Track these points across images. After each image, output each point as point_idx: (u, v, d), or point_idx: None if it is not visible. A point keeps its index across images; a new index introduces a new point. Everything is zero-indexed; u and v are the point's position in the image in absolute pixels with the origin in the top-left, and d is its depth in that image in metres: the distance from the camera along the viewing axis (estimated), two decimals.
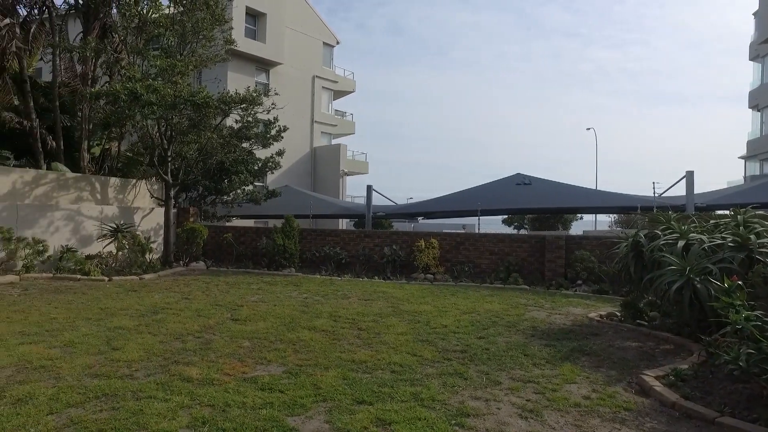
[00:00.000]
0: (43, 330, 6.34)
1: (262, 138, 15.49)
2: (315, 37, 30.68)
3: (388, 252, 12.88)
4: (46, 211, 12.27)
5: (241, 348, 5.83)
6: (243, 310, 7.87)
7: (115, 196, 14.50)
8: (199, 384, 4.63)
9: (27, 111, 13.75)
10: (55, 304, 7.99)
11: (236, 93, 13.79)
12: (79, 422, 3.77)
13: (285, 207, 16.84)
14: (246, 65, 25.72)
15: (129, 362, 5.17)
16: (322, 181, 29.34)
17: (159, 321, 7.00)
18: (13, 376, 4.69)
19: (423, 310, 8.37)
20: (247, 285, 10.57)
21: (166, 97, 11.93)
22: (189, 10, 13.92)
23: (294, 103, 25.81)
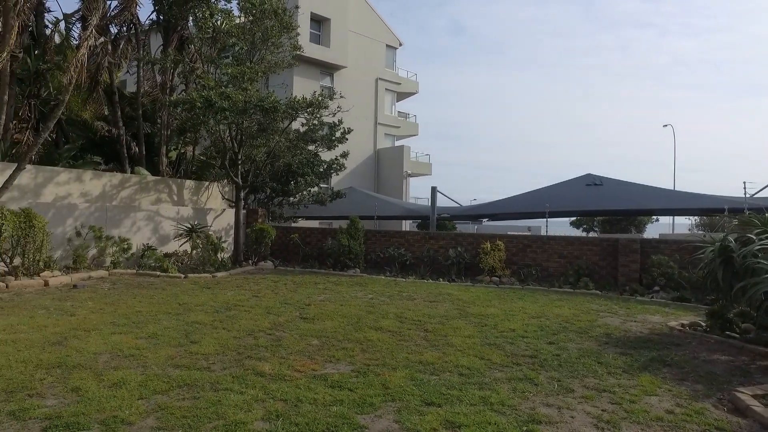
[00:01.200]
0: (131, 321, 6.80)
1: (327, 140, 15.83)
2: (378, 39, 30.97)
3: (453, 254, 12.77)
4: (129, 212, 13.16)
5: (310, 346, 5.97)
6: (311, 309, 8.07)
7: (190, 198, 15.32)
8: (272, 379, 4.79)
9: (115, 120, 14.83)
10: (139, 298, 8.54)
11: (303, 98, 14.19)
12: (165, 408, 4.00)
13: (349, 208, 17.10)
14: (311, 69, 26.37)
15: (206, 355, 5.43)
16: (386, 182, 29.55)
17: (232, 317, 7.31)
18: (108, 362, 5.07)
19: (490, 313, 8.22)
20: (314, 284, 10.83)
21: (237, 103, 12.47)
22: (259, 19, 14.48)
23: (357, 106, 26.18)
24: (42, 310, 7.37)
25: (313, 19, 26.82)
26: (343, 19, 28.06)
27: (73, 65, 10.49)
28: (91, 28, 10.86)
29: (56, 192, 12.26)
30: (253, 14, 14.44)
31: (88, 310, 7.46)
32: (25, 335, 5.92)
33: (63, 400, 4.10)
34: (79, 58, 10.52)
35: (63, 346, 5.54)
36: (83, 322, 6.69)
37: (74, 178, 12.71)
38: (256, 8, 14.24)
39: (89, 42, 10.77)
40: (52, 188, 12.22)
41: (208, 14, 14.10)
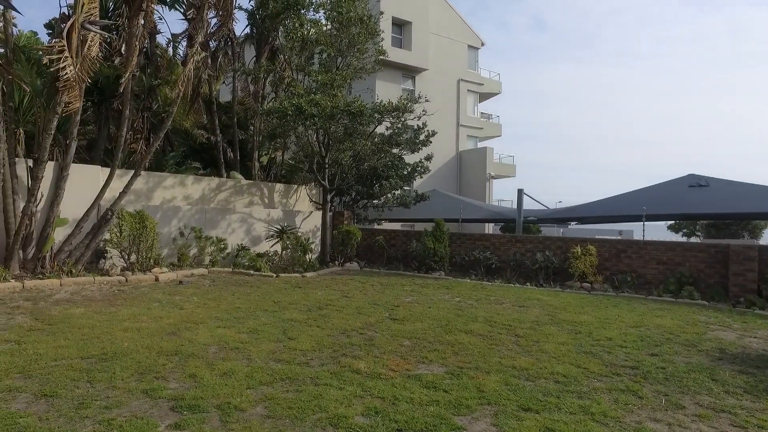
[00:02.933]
0: (232, 317, 7.27)
1: (411, 143, 15.96)
2: (459, 40, 30.72)
3: (541, 258, 12.38)
4: (225, 214, 14.05)
5: (402, 346, 6.06)
6: (400, 311, 8.18)
7: (280, 201, 16.07)
8: (368, 377, 4.92)
9: (213, 128, 15.92)
10: (238, 295, 9.10)
11: (389, 101, 14.43)
12: (271, 399, 4.25)
13: (432, 211, 17.10)
14: (392, 73, 26.68)
15: (304, 351, 5.68)
16: (468, 184, 29.22)
17: (324, 316, 7.58)
18: (216, 353, 5.46)
19: (583, 320, 7.88)
20: (401, 286, 10.96)
21: (325, 109, 12.92)
22: (345, 27, 14.94)
23: (439, 108, 26.13)
24: (156, 302, 8.08)
25: (394, 23, 27.15)
26: (423, 21, 28.15)
27: (180, 80, 11.42)
28: (196, 46, 11.77)
29: (163, 195, 13.37)
30: (339, 22, 14.93)
31: (194, 304, 8.07)
32: (146, 324, 6.53)
33: (183, 384, 4.48)
34: (186, 73, 11.44)
35: (177, 336, 6.05)
36: (191, 315, 7.24)
37: (178, 183, 13.79)
38: (343, 16, 14.71)
39: (195, 58, 11.65)
40: (160, 192, 13.34)
41: (298, 24, 14.76)
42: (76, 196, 10.65)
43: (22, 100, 10.54)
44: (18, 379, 4.48)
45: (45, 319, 6.65)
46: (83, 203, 10.74)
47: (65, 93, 9.23)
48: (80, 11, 9.29)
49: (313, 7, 15.46)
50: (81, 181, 10.94)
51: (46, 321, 6.57)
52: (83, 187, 10.93)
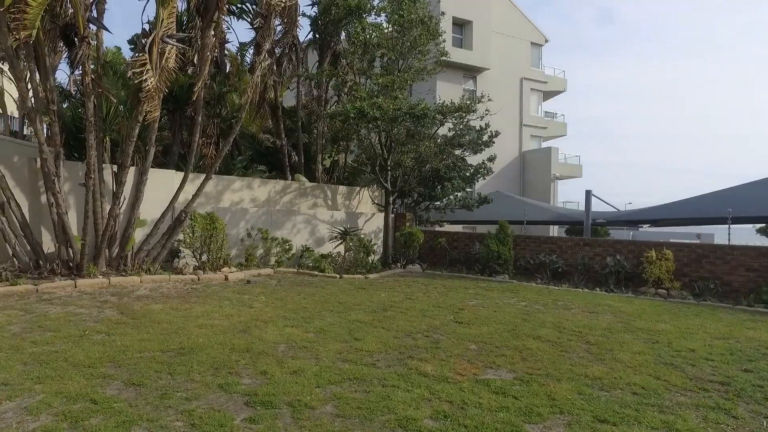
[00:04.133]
0: (299, 316, 7.44)
1: (473, 144, 15.74)
2: (522, 38, 29.99)
3: (611, 262, 11.81)
4: (290, 216, 14.43)
5: (468, 350, 5.96)
6: (464, 314, 8.06)
7: (342, 202, 16.32)
8: (435, 380, 4.87)
9: (278, 132, 16.42)
10: (303, 296, 9.31)
11: (451, 102, 14.31)
12: (340, 398, 4.30)
13: (495, 213, 16.78)
14: (453, 74, 26.43)
15: (370, 352, 5.72)
16: (532, 186, 28.46)
17: (389, 318, 7.60)
18: (285, 351, 5.61)
19: (661, 329, 7.43)
20: (464, 289, 10.81)
21: (387, 111, 12.99)
22: (406, 29, 14.96)
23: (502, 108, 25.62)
24: (226, 301, 8.41)
25: (454, 23, 26.92)
26: (485, 20, 27.72)
27: (249, 86, 11.87)
28: (263, 53, 12.18)
29: (231, 198, 13.93)
30: (400, 24, 14.98)
31: (262, 303, 8.33)
32: (218, 322, 6.81)
33: (255, 380, 4.63)
34: (254, 79, 11.87)
35: (248, 334, 6.26)
36: (260, 314, 7.48)
37: (245, 186, 14.32)
38: (404, 18, 14.75)
39: (262, 65, 12.07)
40: (229, 195, 13.90)
41: (360, 29, 14.94)
42: (153, 199, 11.30)
43: (109, 111, 11.33)
44: (110, 368, 4.80)
45: (129, 314, 7.09)
46: (159, 205, 11.38)
47: (146, 103, 9.83)
48: (160, 26, 9.87)
49: (375, 11, 15.62)
50: (157, 184, 11.60)
51: (130, 315, 7.00)
52: (159, 190, 11.58)
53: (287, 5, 13.34)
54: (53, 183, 9.62)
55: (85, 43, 9.32)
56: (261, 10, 12.81)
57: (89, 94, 9.76)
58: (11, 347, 5.34)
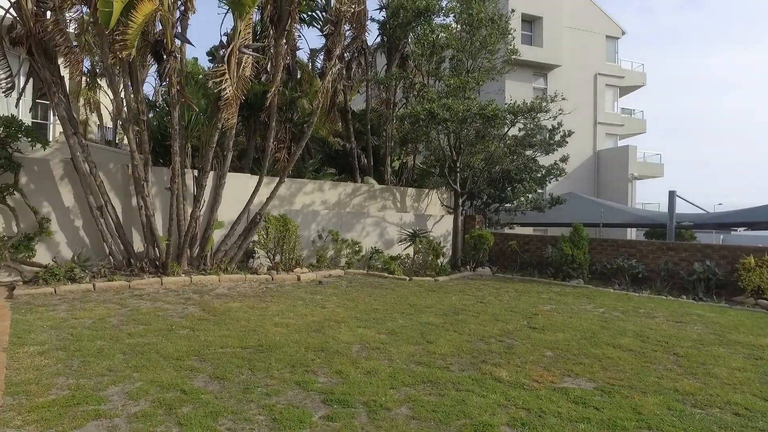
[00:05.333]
0: (370, 317, 7.51)
1: (545, 145, 15.25)
2: (596, 31, 28.62)
3: (700, 268, 10.99)
4: (360, 218, 14.63)
5: (544, 357, 5.77)
6: (538, 319, 7.81)
7: (411, 205, 16.34)
8: (510, 386, 4.75)
9: (348, 135, 16.72)
10: (374, 297, 9.39)
11: (523, 102, 13.96)
12: (415, 400, 4.29)
13: (568, 215, 16.14)
14: (523, 72, 25.71)
15: (443, 356, 5.67)
16: (607, 186, 27.10)
17: (461, 321, 7.51)
18: (359, 352, 5.68)
19: (764, 344, 6.81)
20: (537, 293, 10.48)
21: (458, 112, 12.86)
22: (475, 29, 14.76)
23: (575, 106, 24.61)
24: (300, 301, 8.66)
25: (524, 20, 26.19)
26: (556, 15, 26.76)
27: (320, 91, 12.18)
28: (334, 59, 12.47)
29: (303, 200, 14.33)
30: (469, 24, 14.80)
31: (335, 304, 8.49)
32: (293, 321, 7.03)
33: (331, 379, 4.72)
34: (325, 85, 12.17)
35: (322, 333, 6.41)
36: (333, 314, 7.64)
37: (316, 188, 14.69)
38: (473, 18, 14.56)
39: (332, 70, 12.36)
40: (300, 197, 14.32)
41: (429, 31, 14.92)
42: (229, 202, 11.85)
43: (190, 119, 12.04)
44: (195, 361, 5.08)
45: (210, 311, 7.47)
46: (236, 208, 11.93)
47: (225, 110, 10.34)
48: (237, 38, 10.36)
49: (443, 11, 15.54)
50: (234, 187, 12.15)
51: (211, 312, 7.38)
52: (235, 194, 12.13)
53: (356, 11, 13.60)
54: (143, 187, 10.34)
55: (172, 57, 9.96)
56: (331, 17, 13.14)
57: (174, 104, 10.41)
58: (112, 337, 5.80)
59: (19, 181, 9.76)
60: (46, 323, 6.39)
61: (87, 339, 5.70)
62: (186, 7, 10.61)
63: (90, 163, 10.01)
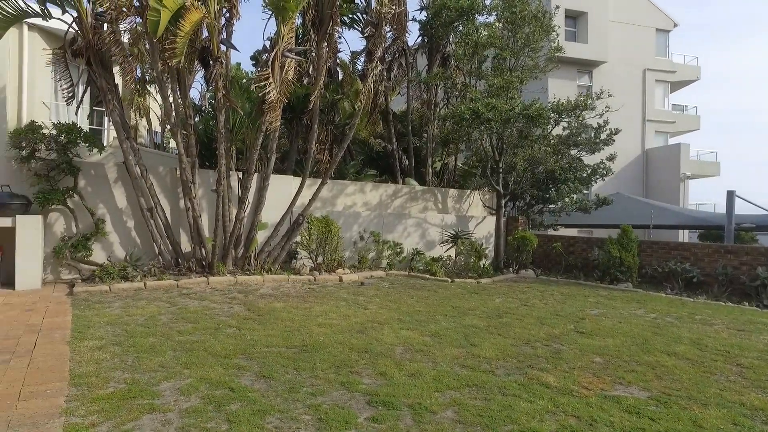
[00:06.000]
0: (413, 319, 7.47)
1: (590, 143, 14.80)
2: (645, 24, 27.53)
3: (764, 273, 10.38)
4: (401, 219, 14.61)
5: (593, 363, 5.57)
6: (586, 323, 7.57)
7: (453, 206, 16.19)
8: (558, 392, 4.61)
9: (389, 136, 16.74)
10: (416, 299, 9.34)
11: (567, 101, 13.60)
12: (460, 404, 4.23)
13: (615, 216, 15.60)
14: (567, 70, 25.04)
15: (488, 359, 5.57)
16: (656, 186, 26.03)
17: (505, 324, 7.36)
18: (402, 353, 5.65)
19: None
20: (583, 297, 10.17)
21: (501, 112, 12.65)
22: (518, 26, 14.49)
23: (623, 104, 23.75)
24: (342, 301, 8.71)
25: (567, 16, 25.53)
26: (601, 9, 25.92)
27: (362, 93, 12.24)
28: (375, 60, 12.51)
29: (345, 202, 14.43)
30: (512, 22, 14.55)
31: (377, 305, 8.49)
32: (336, 321, 7.07)
33: (375, 381, 4.72)
34: (368, 86, 12.22)
35: (365, 334, 6.42)
36: (375, 315, 7.64)
37: (358, 190, 14.76)
38: (516, 15, 14.30)
39: (374, 72, 12.40)
40: (342, 199, 14.43)
41: (472, 30, 14.75)
42: (272, 203, 12.06)
43: (235, 123, 12.34)
44: (242, 360, 5.19)
45: (255, 310, 7.62)
46: (279, 209, 12.13)
47: (269, 113, 10.54)
48: (281, 42, 10.54)
49: (486, 10, 15.33)
50: (277, 189, 12.36)
51: (256, 312, 7.52)
52: (278, 195, 12.33)
53: (397, 12, 13.60)
54: (190, 189, 10.67)
55: (218, 63, 10.24)
56: (372, 18, 13.18)
57: (220, 108, 10.69)
58: (163, 335, 5.99)
59: (78, 184, 10.26)
60: (102, 319, 6.67)
61: (140, 335, 5.92)
62: (231, 13, 10.88)
63: (141, 167, 10.40)
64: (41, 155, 9.83)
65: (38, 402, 3.97)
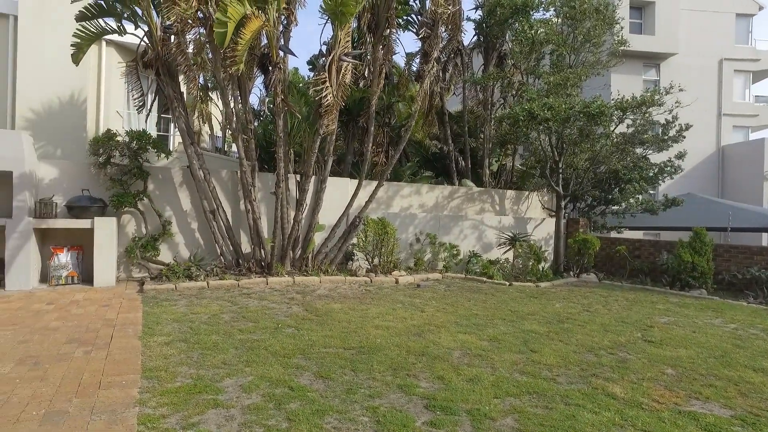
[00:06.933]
0: (471, 323, 7.34)
1: (658, 141, 14.02)
2: (723, 10, 25.63)
3: None
4: (457, 221, 14.43)
5: (664, 374, 5.25)
6: (654, 332, 7.15)
7: (510, 207, 15.82)
8: (626, 404, 4.37)
9: (445, 137, 16.61)
10: (473, 302, 9.18)
11: (632, 96, 12.95)
12: (520, 412, 4.09)
13: (686, 218, 14.68)
14: (631, 64, 23.83)
15: (549, 366, 5.37)
16: (735, 186, 24.24)
17: (566, 330, 7.09)
18: (460, 358, 5.56)
19: None
20: (651, 304, 9.63)
21: (560, 111, 12.23)
22: (579, 21, 13.97)
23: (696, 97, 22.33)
24: (399, 304, 8.69)
25: (632, 7, 24.33)
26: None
27: (419, 95, 12.21)
28: (432, 62, 12.45)
29: (400, 204, 14.43)
30: (572, 17, 14.04)
31: (434, 308, 8.41)
32: (393, 324, 7.06)
33: (433, 385, 4.65)
34: (424, 88, 12.18)
35: (422, 338, 6.36)
36: (432, 318, 7.56)
37: (414, 192, 14.72)
38: (576, 10, 13.79)
39: (431, 73, 12.33)
40: (398, 200, 14.43)
41: (528, 27, 14.37)
42: (329, 205, 12.24)
43: (292, 126, 12.63)
44: (301, 359, 5.27)
45: (313, 311, 7.74)
46: (335, 211, 12.29)
47: (326, 117, 10.71)
48: (338, 46, 10.69)
49: (543, 6, 14.90)
50: (333, 191, 12.53)
51: (314, 312, 7.64)
52: (335, 197, 12.50)
53: (452, 12, 13.47)
54: (250, 192, 11.00)
55: (277, 69, 10.52)
56: (427, 19, 13.12)
57: (279, 112, 10.97)
58: (225, 333, 6.20)
59: (147, 188, 10.83)
60: (169, 316, 6.99)
61: (204, 333, 6.15)
62: (288, 20, 11.15)
63: (204, 170, 10.84)
64: (115, 161, 10.47)
65: (115, 392, 4.20)
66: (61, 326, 6.32)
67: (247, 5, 9.27)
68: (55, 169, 10.27)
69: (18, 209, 9.06)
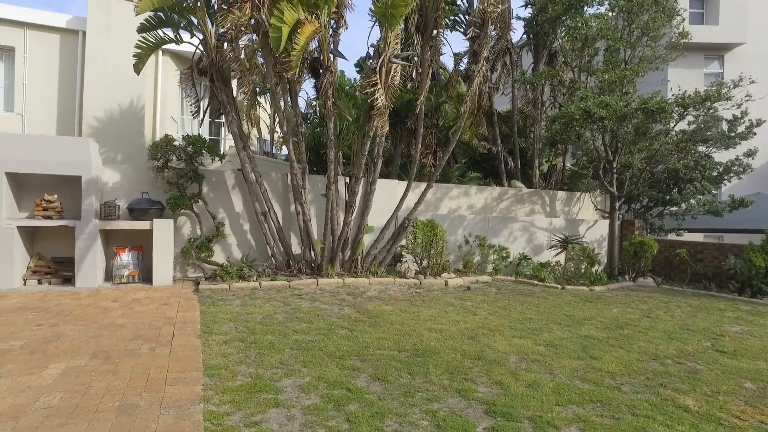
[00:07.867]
0: (525, 327, 7.15)
1: (723, 138, 13.26)
2: None
3: None
4: (507, 223, 14.15)
5: (742, 388, 4.93)
6: (726, 341, 6.75)
7: (561, 209, 15.37)
8: (701, 418, 4.13)
9: (493, 138, 16.33)
10: (526, 305, 8.95)
11: (695, 91, 12.32)
12: (585, 420, 3.93)
13: (755, 219, 13.86)
14: (692, 56, 22.58)
15: (611, 374, 5.15)
16: None
17: (627, 337, 6.79)
18: (517, 363, 5.42)
19: None
20: (718, 311, 9.11)
21: (616, 109, 11.78)
22: (635, 15, 13.42)
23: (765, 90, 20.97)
24: (450, 306, 8.59)
25: None
26: None
27: (467, 95, 12.06)
28: (481, 61, 12.26)
29: (449, 205, 14.29)
30: (628, 11, 13.50)
31: (486, 311, 8.26)
32: (446, 327, 6.97)
33: (491, 390, 4.55)
34: (474, 88, 12.02)
35: (476, 341, 6.25)
36: (485, 321, 7.42)
37: (462, 193, 14.54)
38: (632, 3, 13.25)
39: (481, 73, 12.16)
40: (447, 202, 14.29)
41: (581, 23, 13.93)
42: (378, 207, 12.25)
43: (342, 129, 12.73)
44: (356, 361, 5.28)
45: (364, 313, 7.75)
46: (383, 213, 12.30)
47: (376, 119, 10.73)
48: (387, 48, 10.71)
49: (597, 1, 14.41)
50: (382, 193, 12.53)
51: (366, 314, 7.65)
52: (384, 199, 12.51)
53: (501, 10, 13.22)
54: (300, 194, 11.17)
55: (328, 72, 10.63)
56: (476, 18, 12.93)
57: (329, 116, 11.08)
58: (280, 333, 6.30)
59: (202, 191, 11.19)
60: (225, 316, 7.18)
61: (260, 333, 6.27)
62: (338, 24, 11.26)
63: (256, 173, 11.08)
64: (172, 165, 10.87)
65: (180, 388, 4.33)
66: (127, 323, 6.59)
67: (300, 10, 9.42)
68: (117, 173, 10.77)
69: (86, 212, 9.55)
